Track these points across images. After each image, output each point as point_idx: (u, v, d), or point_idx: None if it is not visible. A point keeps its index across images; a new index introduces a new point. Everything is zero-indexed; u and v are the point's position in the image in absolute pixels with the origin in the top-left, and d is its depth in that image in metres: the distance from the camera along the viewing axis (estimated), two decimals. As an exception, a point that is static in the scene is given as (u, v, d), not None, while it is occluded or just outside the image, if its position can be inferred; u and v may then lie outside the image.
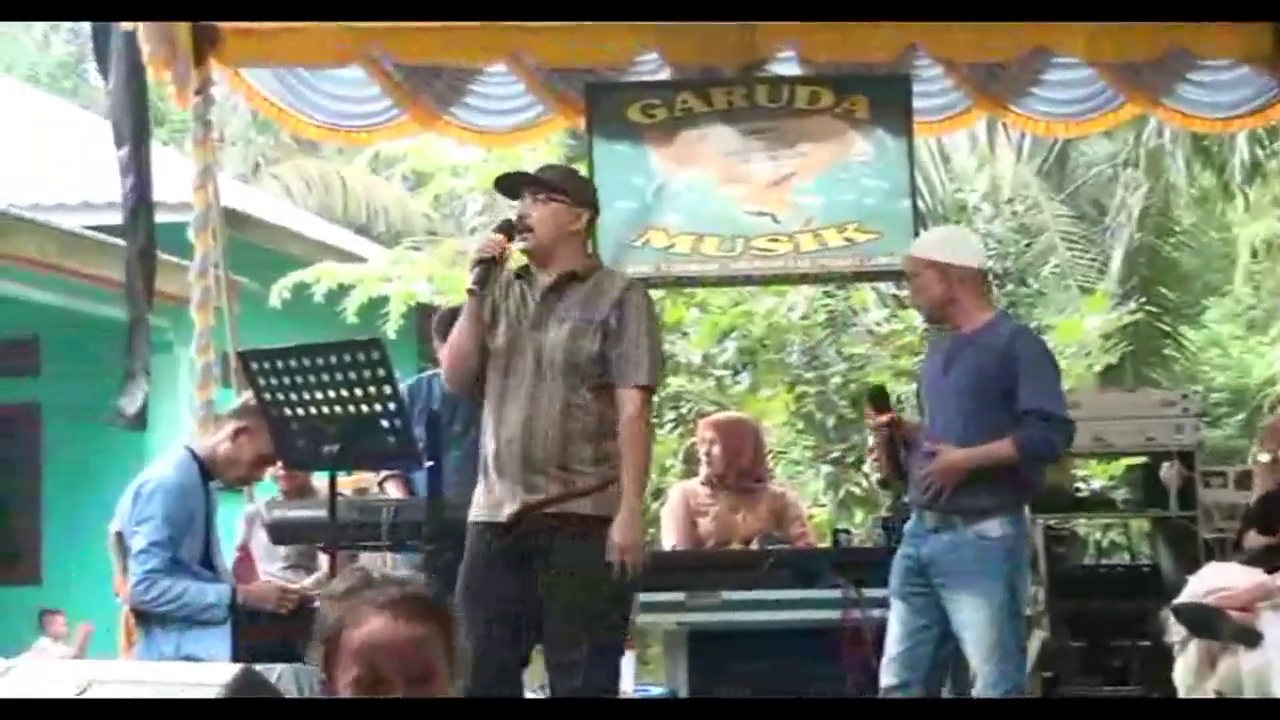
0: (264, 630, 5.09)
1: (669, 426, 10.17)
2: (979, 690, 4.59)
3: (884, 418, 5.01)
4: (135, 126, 6.59)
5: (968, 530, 4.67)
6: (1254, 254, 15.56)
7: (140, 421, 6.53)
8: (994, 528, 4.67)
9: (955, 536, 4.68)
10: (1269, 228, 14.63)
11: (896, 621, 4.80)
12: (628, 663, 6.54)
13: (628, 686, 6.43)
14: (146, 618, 5.13)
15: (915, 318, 9.10)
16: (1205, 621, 4.96)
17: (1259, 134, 11.89)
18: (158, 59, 6.37)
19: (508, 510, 4.35)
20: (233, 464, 5.31)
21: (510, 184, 4.67)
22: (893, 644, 4.79)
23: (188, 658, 4.95)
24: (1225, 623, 4.88)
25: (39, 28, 23.98)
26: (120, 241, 10.25)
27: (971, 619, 4.62)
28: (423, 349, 11.55)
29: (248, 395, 5.28)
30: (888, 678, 4.76)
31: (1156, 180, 13.97)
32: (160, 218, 6.76)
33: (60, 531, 11.24)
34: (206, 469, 5.28)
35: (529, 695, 4.90)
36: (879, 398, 5.13)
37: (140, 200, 6.59)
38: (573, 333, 4.38)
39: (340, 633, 2.41)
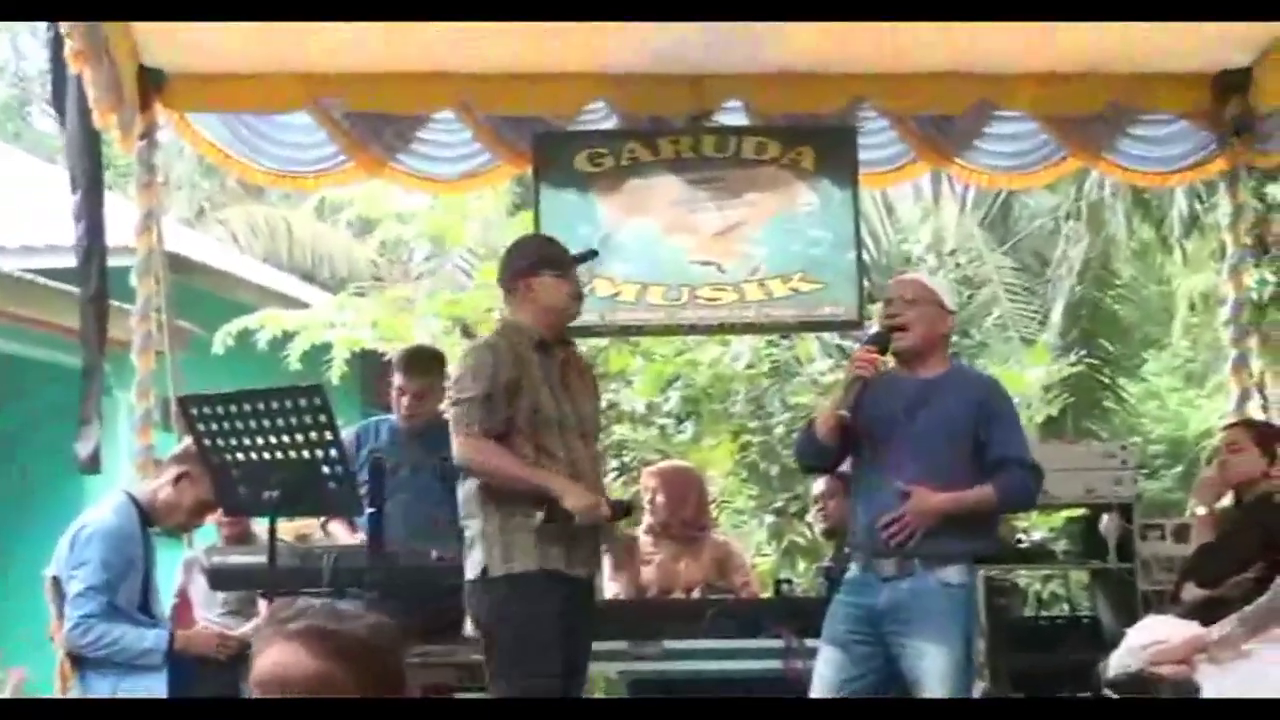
0: (202, 676, 5.06)
1: (612, 475, 10.16)
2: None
3: (879, 358, 4.83)
4: (88, 172, 6.59)
5: (929, 577, 4.62)
6: (1192, 307, 15.71)
7: (94, 465, 6.51)
8: (954, 575, 4.64)
9: (916, 583, 4.62)
10: (1207, 281, 14.77)
11: (830, 668, 4.71)
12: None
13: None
14: (82, 662, 5.09)
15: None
16: (1139, 690, 4.97)
17: (1197, 188, 12.03)
18: (103, 104, 6.34)
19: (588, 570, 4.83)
20: (173, 510, 5.27)
21: None
22: (823, 690, 4.70)
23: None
24: (1161, 686, 4.90)
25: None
26: (63, 285, 10.24)
27: (932, 667, 4.56)
28: (366, 396, 11.52)
29: (189, 441, 5.25)
30: None
31: (1097, 233, 14.10)
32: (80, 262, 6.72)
33: (-5, 577, 11.09)
34: (146, 514, 5.24)
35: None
36: (884, 341, 4.88)
37: (93, 245, 6.57)
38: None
39: (252, 660, 2.31)
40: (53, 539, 5.28)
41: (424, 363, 6.23)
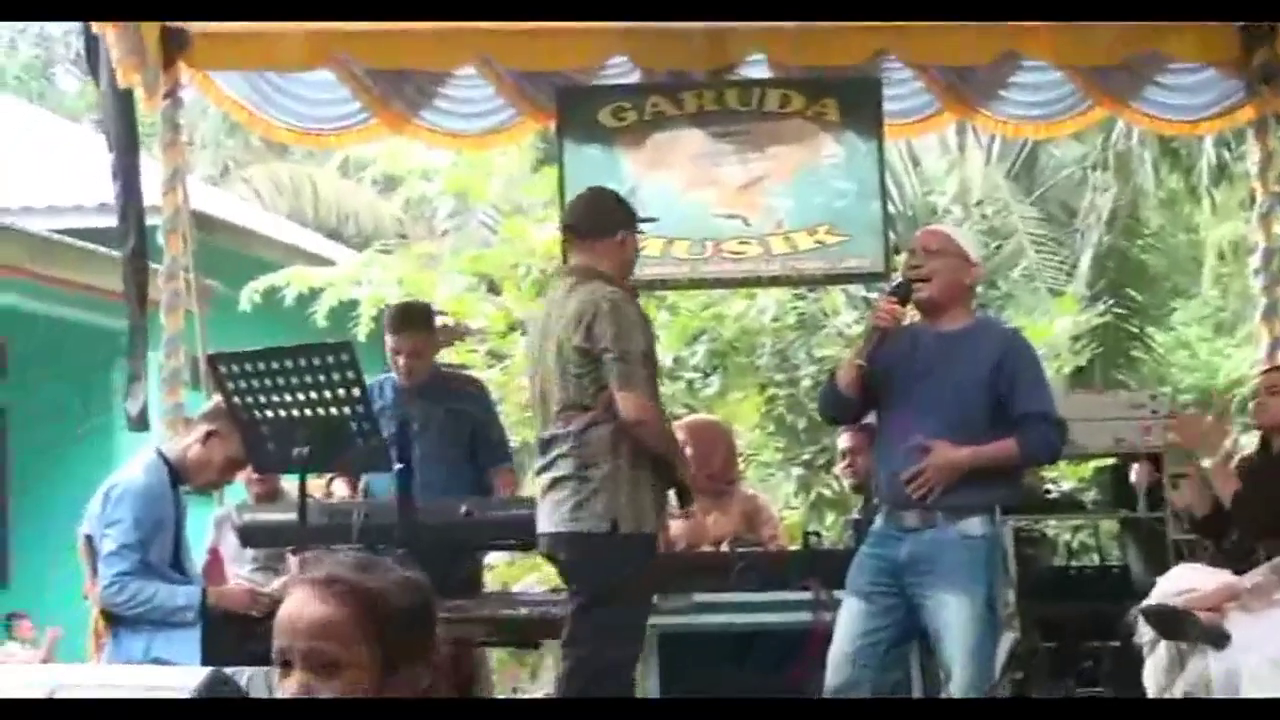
0: (234, 633, 5.08)
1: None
2: (955, 691, 4.56)
3: (900, 308, 4.77)
4: (123, 133, 6.61)
5: (950, 528, 4.60)
6: (1221, 256, 15.64)
7: (143, 422, 6.57)
8: (976, 526, 4.62)
9: (937, 535, 4.61)
10: (1236, 230, 14.69)
11: (852, 619, 4.70)
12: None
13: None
14: (116, 620, 5.11)
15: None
16: (1173, 624, 4.96)
17: (1226, 136, 11.95)
18: (127, 63, 6.35)
19: None
20: (203, 467, 5.29)
21: None
22: (845, 641, 4.68)
23: (157, 661, 4.94)
24: (1193, 625, 4.88)
25: (4, 32, 23.85)
26: (89, 245, 10.29)
27: (954, 619, 4.55)
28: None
29: (218, 398, 5.27)
30: (837, 677, 4.65)
31: (1125, 183, 14.02)
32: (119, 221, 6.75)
33: (28, 535, 11.18)
34: (176, 472, 5.26)
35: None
36: (905, 291, 4.82)
37: (128, 204, 6.61)
38: None
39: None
40: (84, 497, 5.31)
41: (414, 319, 6.19)
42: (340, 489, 6.11)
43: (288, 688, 2.23)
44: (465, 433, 6.05)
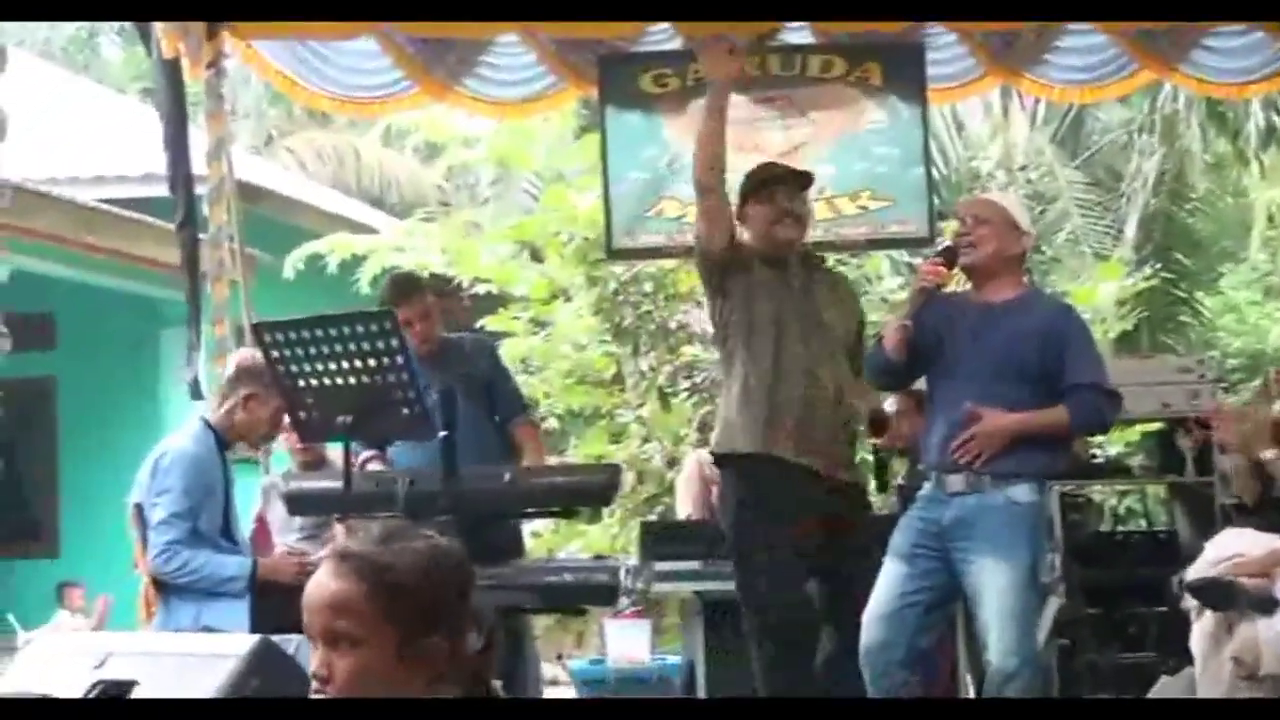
0: (281, 601, 5.11)
1: (683, 395, 10.18)
2: (993, 656, 4.55)
3: (945, 270, 4.74)
4: (173, 103, 6.65)
5: (997, 493, 4.58)
6: (1270, 220, 15.49)
7: (198, 392, 6.62)
8: (1023, 493, 4.60)
9: (983, 499, 4.59)
10: (1284, 193, 14.59)
11: (891, 580, 4.66)
12: (644, 632, 6.58)
13: (644, 655, 6.46)
14: (166, 589, 5.15)
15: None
16: (1221, 595, 4.93)
17: (1274, 99, 11.84)
18: (171, 33, 6.37)
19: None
20: (253, 427, 5.31)
21: None
22: (882, 603, 4.64)
23: (206, 629, 4.98)
24: (1241, 594, 4.85)
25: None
26: (135, 215, 10.35)
27: (994, 583, 4.53)
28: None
29: (235, 359, 5.33)
30: (872, 635, 4.62)
31: (1171, 146, 13.91)
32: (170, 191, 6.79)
33: (78, 504, 11.28)
34: (223, 439, 5.29)
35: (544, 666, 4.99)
36: (951, 255, 4.79)
37: (178, 174, 6.65)
38: None
39: None
40: (133, 467, 5.34)
41: (411, 286, 6.19)
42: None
43: (312, 663, 2.28)
44: (482, 391, 6.06)
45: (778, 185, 5.18)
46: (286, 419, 5.25)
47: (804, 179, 5.25)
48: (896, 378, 5.06)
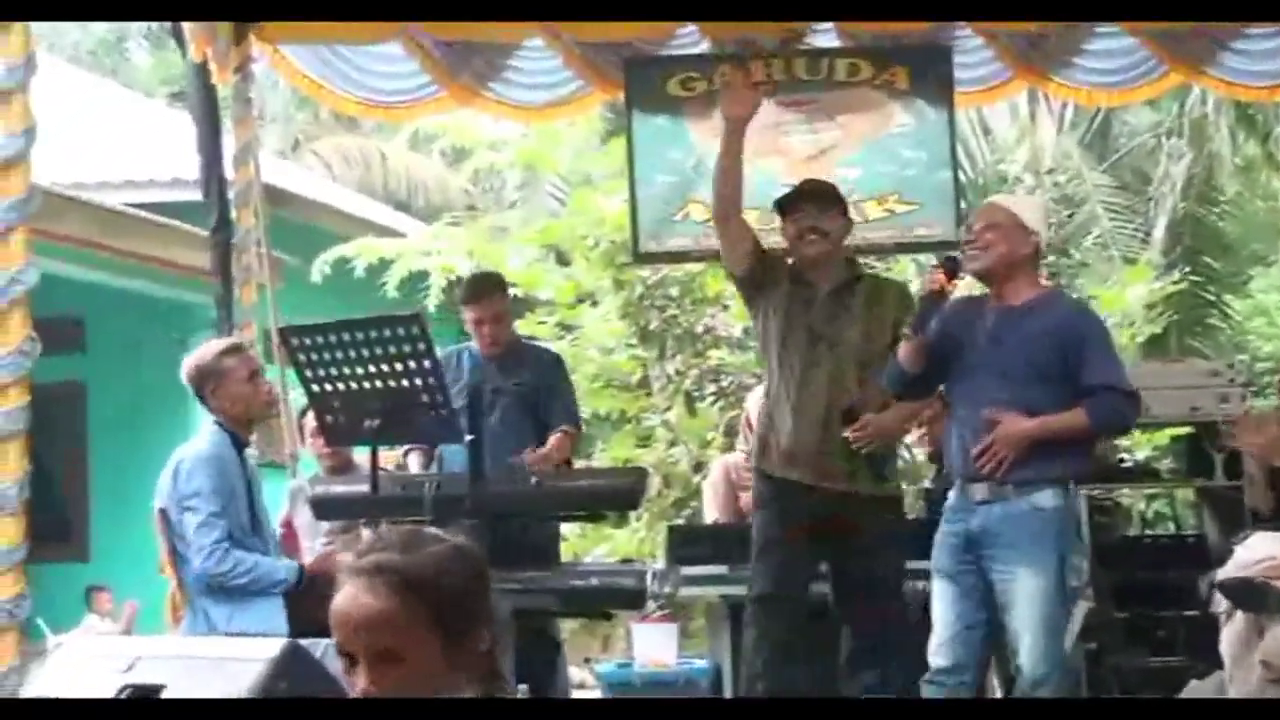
0: (310, 603, 5.10)
1: (710, 399, 10.17)
2: (1024, 663, 4.55)
3: (945, 280, 4.72)
4: (205, 107, 6.67)
5: (1021, 501, 4.58)
6: (1301, 223, 15.41)
7: None
8: (1048, 499, 4.59)
9: (1008, 507, 4.59)
10: (1315, 197, 14.52)
11: (946, 603, 4.69)
12: (671, 635, 6.57)
13: (671, 659, 6.45)
14: (200, 592, 5.10)
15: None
16: (1252, 595, 4.90)
17: (1304, 102, 11.75)
18: (199, 37, 6.40)
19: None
20: (240, 405, 5.20)
21: None
22: (944, 627, 4.67)
23: (236, 633, 4.96)
24: (1274, 596, 4.83)
25: (80, 7, 24.00)
26: (163, 219, 10.38)
27: (1023, 591, 4.54)
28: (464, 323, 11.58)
29: (205, 349, 5.29)
30: (940, 659, 4.65)
31: (1200, 149, 13.84)
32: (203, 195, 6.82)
33: (107, 508, 11.32)
34: (238, 439, 5.25)
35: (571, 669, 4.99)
36: (952, 264, 4.79)
37: (210, 178, 6.68)
38: None
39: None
40: (162, 471, 5.34)
41: (491, 286, 6.26)
42: (414, 463, 6.14)
43: (356, 683, 2.24)
44: (537, 403, 6.07)
45: (805, 202, 5.32)
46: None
47: (832, 197, 5.37)
48: (915, 387, 5.05)
